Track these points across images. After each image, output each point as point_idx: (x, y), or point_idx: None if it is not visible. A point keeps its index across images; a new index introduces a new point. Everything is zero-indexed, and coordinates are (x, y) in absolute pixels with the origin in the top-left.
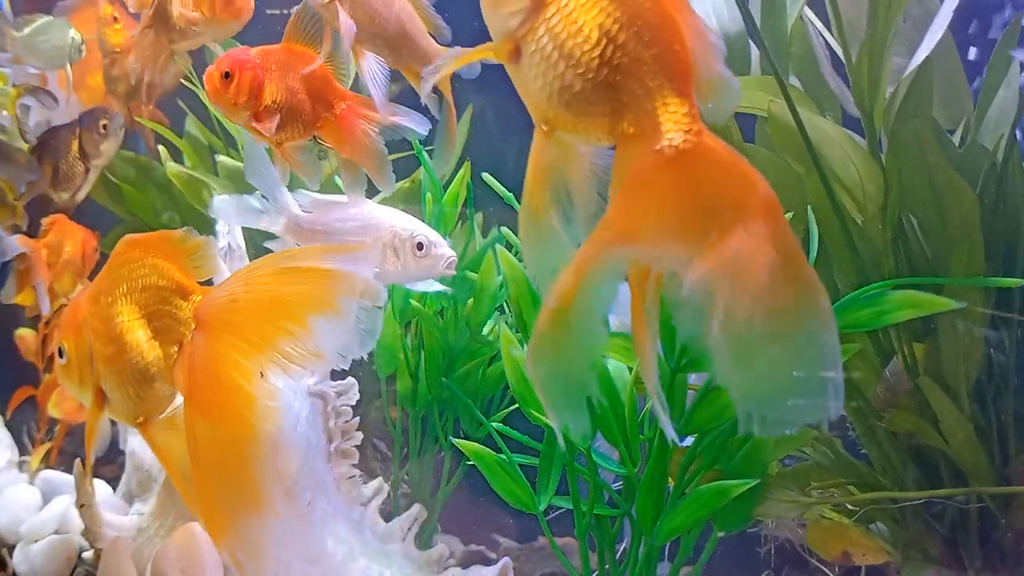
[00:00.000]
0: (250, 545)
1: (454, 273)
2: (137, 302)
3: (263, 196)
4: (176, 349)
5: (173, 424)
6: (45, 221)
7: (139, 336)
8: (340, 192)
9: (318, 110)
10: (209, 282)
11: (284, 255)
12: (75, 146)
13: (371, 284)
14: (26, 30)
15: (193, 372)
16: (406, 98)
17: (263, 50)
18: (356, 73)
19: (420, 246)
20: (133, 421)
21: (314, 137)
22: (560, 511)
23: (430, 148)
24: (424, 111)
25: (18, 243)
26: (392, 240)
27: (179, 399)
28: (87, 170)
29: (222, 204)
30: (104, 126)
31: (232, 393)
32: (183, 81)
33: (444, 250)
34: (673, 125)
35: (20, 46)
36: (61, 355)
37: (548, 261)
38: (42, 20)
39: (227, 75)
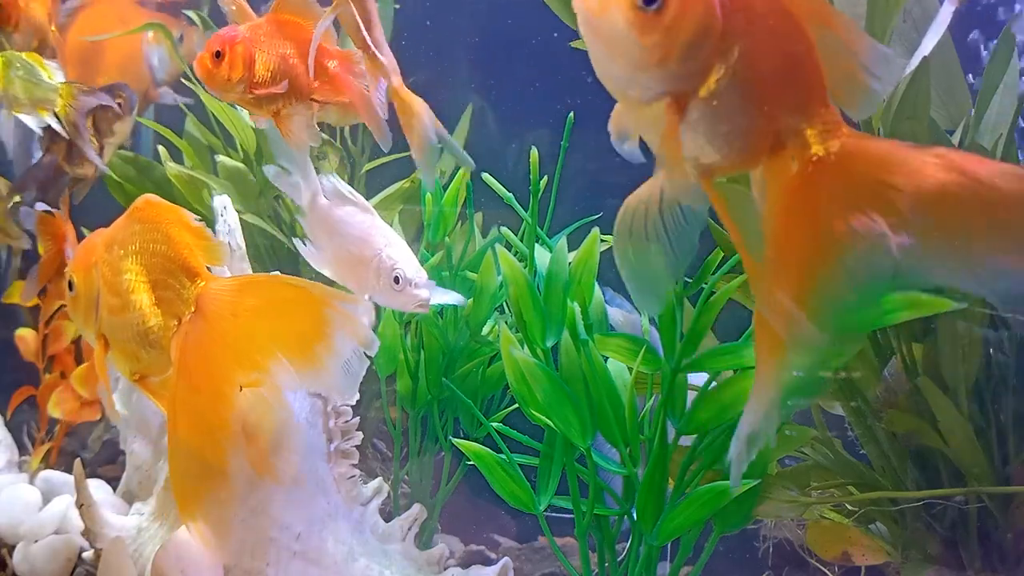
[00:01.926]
0: (212, 522)
1: (426, 313)
2: (145, 265)
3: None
4: (176, 323)
5: (167, 385)
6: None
7: (143, 299)
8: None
9: (309, 74)
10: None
11: (293, 278)
12: (89, 122)
13: (369, 333)
14: None
15: (185, 353)
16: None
17: (251, 24)
18: None
19: (397, 280)
20: (130, 376)
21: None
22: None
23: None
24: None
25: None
26: (377, 263)
27: None
28: (101, 147)
29: (268, 170)
30: (119, 105)
31: (215, 384)
32: (183, 81)
33: (419, 291)
34: (820, 135)
35: None
36: (71, 288)
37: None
38: None
39: (217, 54)
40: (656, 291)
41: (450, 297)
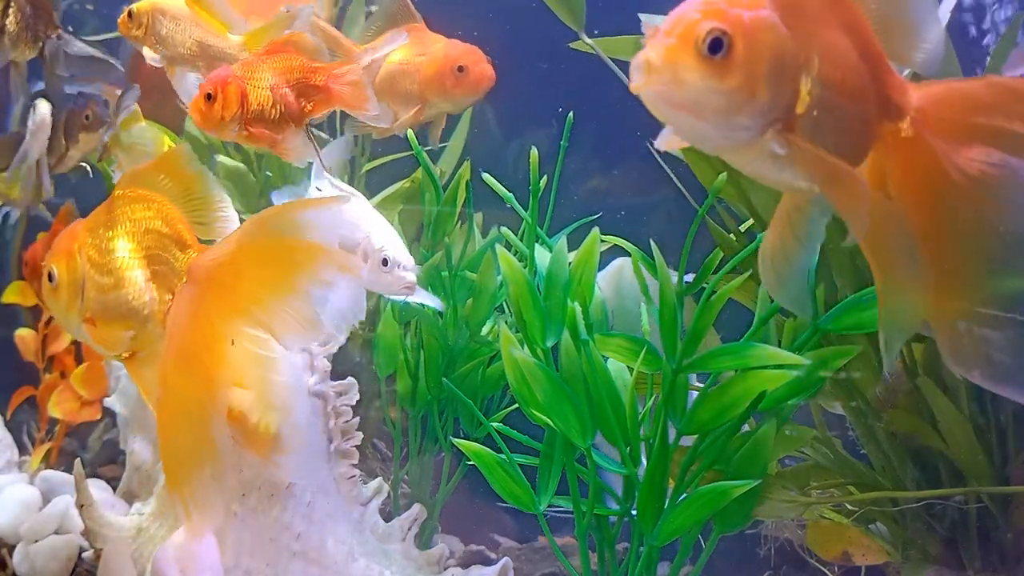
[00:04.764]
0: (199, 495)
1: (411, 296)
2: (139, 242)
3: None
4: (170, 297)
5: (157, 360)
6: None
7: (138, 275)
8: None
9: (305, 96)
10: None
11: (273, 217)
12: (61, 120)
13: (355, 261)
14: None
15: (174, 323)
16: None
17: (241, 63)
18: None
19: (385, 262)
20: (119, 355)
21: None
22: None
23: (429, 148)
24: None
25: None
26: (366, 245)
27: None
28: (66, 149)
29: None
30: (87, 116)
31: (205, 350)
32: None
33: (406, 273)
34: (901, 97)
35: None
36: (51, 279)
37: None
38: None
39: (209, 96)
40: (806, 297)
41: (429, 299)
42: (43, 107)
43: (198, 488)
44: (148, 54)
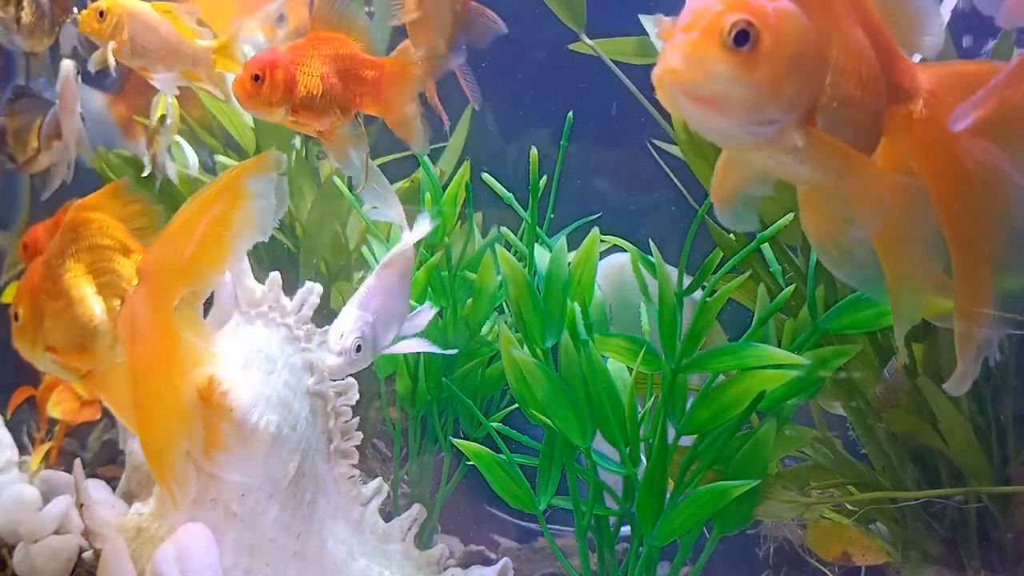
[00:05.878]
0: (184, 482)
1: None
2: (83, 261)
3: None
4: (119, 304)
5: (118, 372)
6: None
7: (85, 291)
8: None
9: (352, 88)
10: None
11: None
12: (39, 120)
13: (269, 157)
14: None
15: (134, 324)
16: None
17: (290, 46)
18: None
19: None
20: (79, 374)
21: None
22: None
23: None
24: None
25: None
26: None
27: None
28: (38, 151)
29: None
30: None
31: (168, 337)
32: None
33: (330, 358)
34: (911, 80)
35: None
36: (16, 318)
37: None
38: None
39: (257, 77)
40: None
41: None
42: (66, 64)
43: (178, 468)
44: (107, 55)
